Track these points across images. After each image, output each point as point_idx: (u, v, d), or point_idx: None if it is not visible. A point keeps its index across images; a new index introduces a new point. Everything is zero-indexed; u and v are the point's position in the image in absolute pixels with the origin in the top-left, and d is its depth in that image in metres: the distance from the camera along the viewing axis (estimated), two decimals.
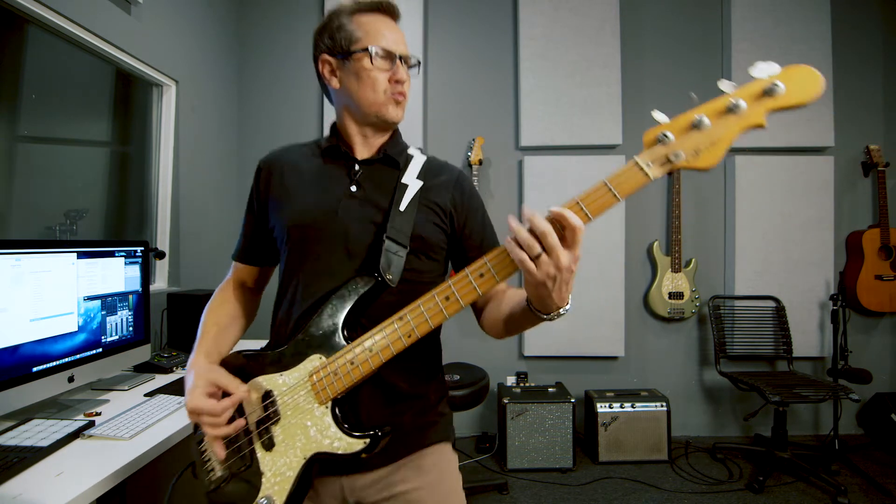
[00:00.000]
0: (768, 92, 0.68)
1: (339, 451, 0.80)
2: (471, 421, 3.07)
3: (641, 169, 0.73)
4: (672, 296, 2.97)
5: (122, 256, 1.64)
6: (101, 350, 1.54)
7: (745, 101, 0.69)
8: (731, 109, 0.69)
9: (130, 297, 1.68)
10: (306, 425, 0.82)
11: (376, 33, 0.94)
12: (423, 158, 1.01)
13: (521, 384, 2.90)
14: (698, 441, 2.96)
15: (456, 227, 0.97)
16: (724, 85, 0.71)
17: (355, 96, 0.93)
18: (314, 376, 0.82)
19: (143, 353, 1.74)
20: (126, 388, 1.62)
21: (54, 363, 1.37)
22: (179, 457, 1.38)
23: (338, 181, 0.95)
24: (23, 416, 1.30)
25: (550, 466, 2.60)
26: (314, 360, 0.83)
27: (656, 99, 3.07)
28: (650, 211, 3.08)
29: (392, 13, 0.98)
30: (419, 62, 0.99)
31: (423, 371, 0.94)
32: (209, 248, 2.75)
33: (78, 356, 1.45)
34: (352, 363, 0.80)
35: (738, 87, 0.70)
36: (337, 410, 0.82)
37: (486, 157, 3.06)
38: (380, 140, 0.98)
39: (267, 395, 0.85)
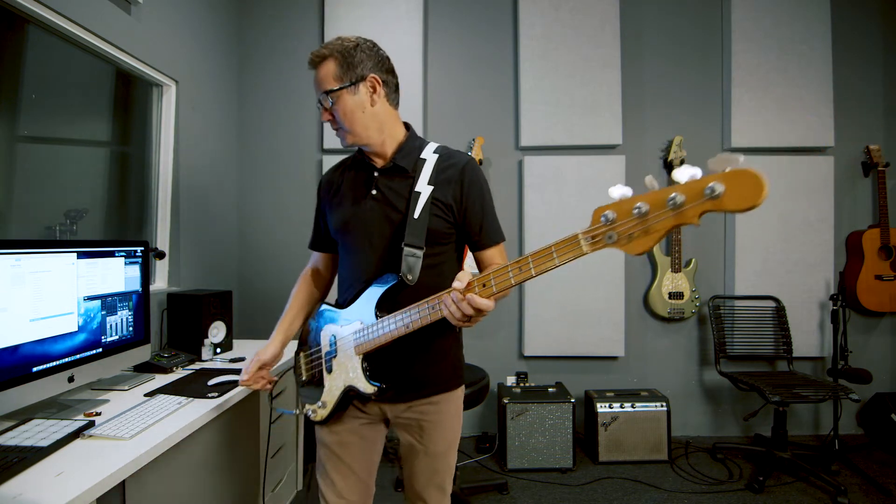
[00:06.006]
0: (708, 193, 0.66)
1: (360, 390, 1.16)
2: (471, 421, 3.06)
3: (579, 243, 0.81)
4: (672, 296, 2.97)
5: (122, 256, 1.64)
6: (101, 350, 1.54)
7: (686, 197, 0.69)
8: (671, 203, 0.70)
9: (130, 297, 1.68)
10: (347, 366, 1.18)
11: None
12: (435, 159, 1.20)
13: (521, 384, 2.90)
14: (698, 441, 2.96)
15: (457, 218, 1.19)
16: (678, 174, 0.71)
17: None
18: (356, 335, 1.16)
19: (143, 353, 1.74)
20: (126, 388, 1.63)
21: (54, 363, 1.37)
22: (180, 456, 1.38)
23: (363, 187, 1.22)
24: (23, 416, 1.30)
25: (550, 466, 2.60)
26: (356, 325, 1.17)
27: (656, 99, 3.07)
28: None
29: (312, 65, 1.18)
30: (327, 91, 1.15)
31: (438, 334, 1.16)
32: (209, 248, 2.75)
33: (78, 356, 1.45)
34: (384, 330, 1.10)
35: (686, 182, 0.70)
36: (366, 362, 1.16)
37: (486, 157, 3.06)
38: (387, 149, 1.21)
39: (333, 337, 1.22)
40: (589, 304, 2.95)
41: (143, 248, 1.74)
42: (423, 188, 1.15)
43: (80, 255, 1.47)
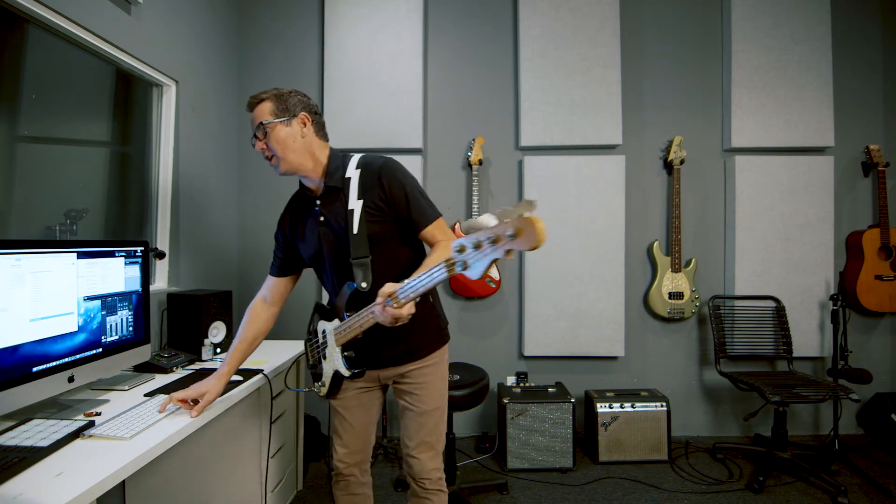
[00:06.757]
0: (507, 237, 0.86)
1: (342, 373, 1.42)
2: (471, 421, 3.07)
3: (443, 270, 1.02)
4: (672, 296, 2.97)
5: (122, 256, 1.64)
6: (101, 350, 1.55)
7: (495, 238, 0.88)
8: (488, 242, 0.90)
9: (130, 297, 1.68)
10: (333, 355, 1.43)
11: None
12: (358, 174, 1.38)
13: (521, 384, 2.90)
14: (698, 441, 2.96)
15: (389, 215, 1.37)
16: (489, 219, 0.90)
17: None
18: (336, 330, 1.41)
19: (143, 353, 1.74)
20: (126, 388, 1.63)
21: (54, 363, 1.37)
22: (180, 456, 1.38)
23: (313, 217, 1.45)
24: (23, 416, 1.30)
25: (550, 466, 2.60)
26: (335, 322, 1.41)
27: (656, 99, 3.07)
28: (650, 211, 3.08)
29: (249, 107, 1.42)
30: (263, 123, 1.37)
31: (411, 321, 1.24)
32: (209, 248, 2.75)
33: (78, 356, 1.45)
34: (350, 328, 1.34)
35: (496, 225, 0.88)
36: (345, 351, 1.41)
37: (486, 157, 3.06)
38: (318, 173, 1.41)
39: (324, 331, 1.46)
40: (589, 304, 2.95)
41: (143, 248, 1.74)
42: (355, 204, 1.35)
43: (80, 255, 1.47)
